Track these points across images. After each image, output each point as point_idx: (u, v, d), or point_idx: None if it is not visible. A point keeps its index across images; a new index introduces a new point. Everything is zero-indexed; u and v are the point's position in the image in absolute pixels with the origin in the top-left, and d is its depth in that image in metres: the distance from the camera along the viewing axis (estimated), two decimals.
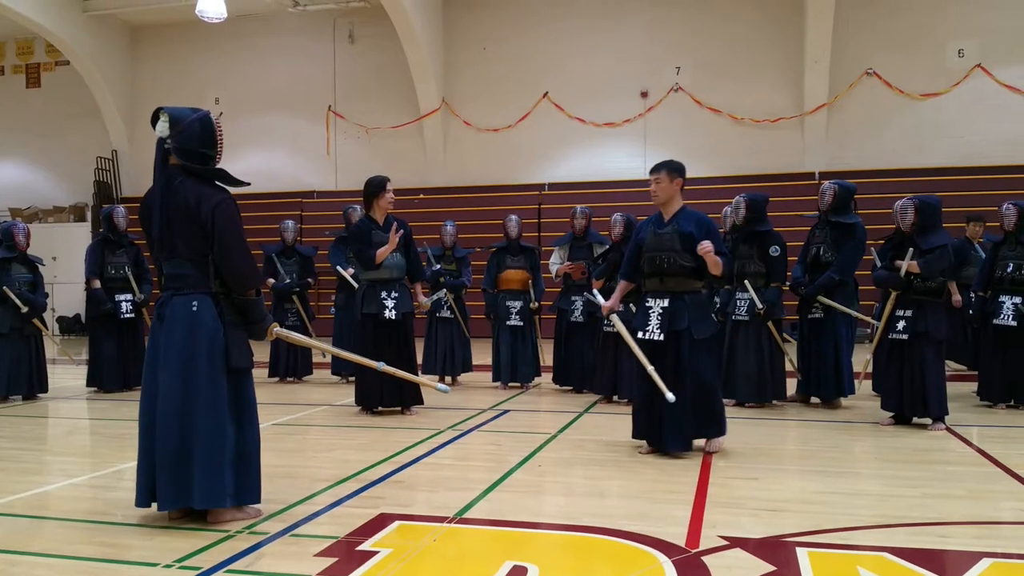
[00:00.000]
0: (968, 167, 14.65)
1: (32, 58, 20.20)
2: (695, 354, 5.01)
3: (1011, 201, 7.22)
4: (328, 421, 6.70)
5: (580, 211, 8.11)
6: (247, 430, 3.75)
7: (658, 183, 5.14)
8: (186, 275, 3.68)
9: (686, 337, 5.00)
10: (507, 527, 3.68)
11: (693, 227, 5.04)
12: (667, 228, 5.13)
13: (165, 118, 3.68)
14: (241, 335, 3.76)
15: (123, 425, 6.72)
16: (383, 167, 17.38)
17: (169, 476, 3.58)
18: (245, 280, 3.72)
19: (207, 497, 3.59)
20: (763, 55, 15.95)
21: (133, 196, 18.89)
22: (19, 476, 4.76)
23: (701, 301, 5.20)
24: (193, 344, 3.62)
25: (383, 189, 6.66)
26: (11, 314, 7.69)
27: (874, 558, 3.20)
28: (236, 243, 3.67)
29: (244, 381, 3.78)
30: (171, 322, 3.65)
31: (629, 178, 16.17)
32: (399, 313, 6.64)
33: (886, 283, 6.24)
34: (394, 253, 6.64)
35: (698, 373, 5.01)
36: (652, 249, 5.15)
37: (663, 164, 5.20)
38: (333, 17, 17.97)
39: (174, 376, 3.61)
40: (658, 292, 5.13)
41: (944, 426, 5.96)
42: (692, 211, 5.20)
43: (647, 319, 5.12)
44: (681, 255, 5.03)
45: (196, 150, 3.68)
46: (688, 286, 5.11)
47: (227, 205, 3.66)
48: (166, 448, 3.58)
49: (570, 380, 8.10)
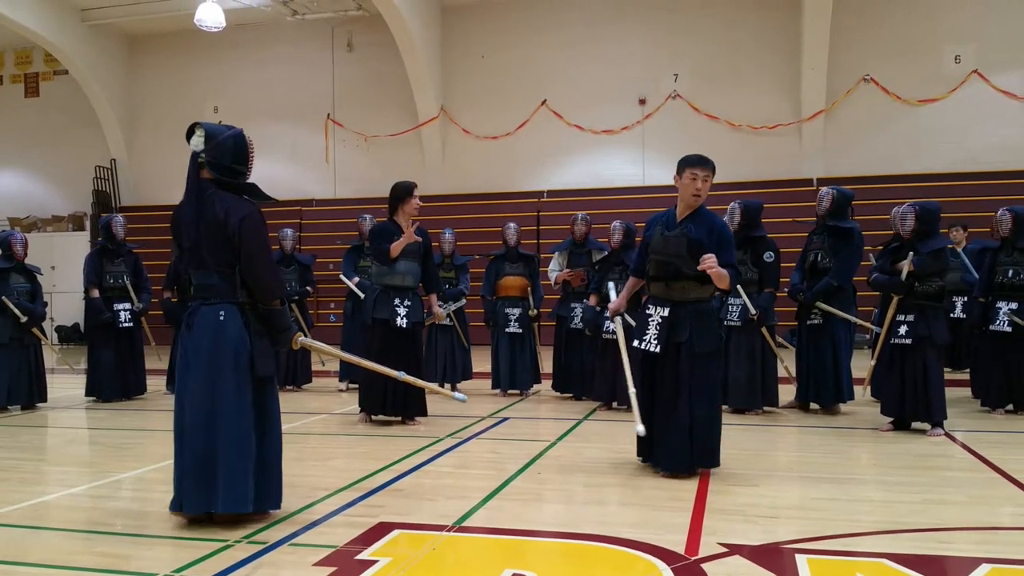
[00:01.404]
0: (965, 173, 14.69)
1: (31, 67, 20.24)
2: (696, 370, 4.58)
3: (1007, 207, 7.23)
4: (327, 429, 6.69)
5: (581, 218, 8.13)
6: (269, 437, 3.85)
7: (706, 181, 4.64)
8: (213, 285, 3.79)
9: (686, 350, 4.60)
10: (507, 535, 3.67)
11: (704, 234, 4.60)
12: (676, 231, 4.69)
13: (201, 132, 3.81)
14: (266, 344, 3.85)
15: (122, 435, 6.72)
16: (382, 175, 17.45)
17: (196, 481, 3.68)
18: (270, 290, 3.83)
19: (231, 502, 3.67)
20: (760, 62, 15.99)
21: (132, 205, 18.93)
22: (18, 486, 4.75)
23: (706, 311, 4.72)
24: (220, 353, 3.72)
25: (409, 195, 6.55)
26: (10, 324, 7.68)
27: (874, 565, 3.20)
28: (261, 255, 3.80)
29: (267, 389, 3.88)
30: (199, 331, 3.77)
31: (627, 185, 16.22)
32: (410, 322, 6.60)
33: (885, 287, 6.25)
34: (410, 261, 6.60)
35: (699, 393, 4.59)
36: (658, 252, 4.73)
37: (709, 161, 4.67)
38: (332, 26, 18.01)
39: (202, 384, 3.72)
40: (660, 299, 4.73)
41: (943, 431, 5.96)
42: (709, 213, 4.73)
43: (645, 328, 4.73)
44: (686, 262, 4.60)
45: (228, 165, 3.83)
46: (695, 294, 4.67)
47: (254, 218, 3.79)
48: (194, 454, 3.69)
49: (569, 387, 8.10)
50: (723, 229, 4.69)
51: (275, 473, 3.87)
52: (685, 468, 4.65)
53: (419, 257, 6.67)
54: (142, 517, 3.96)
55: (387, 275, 6.60)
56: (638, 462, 5.03)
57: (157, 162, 18.89)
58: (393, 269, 6.57)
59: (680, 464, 4.64)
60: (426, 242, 6.72)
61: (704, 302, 4.73)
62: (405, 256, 6.56)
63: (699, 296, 4.71)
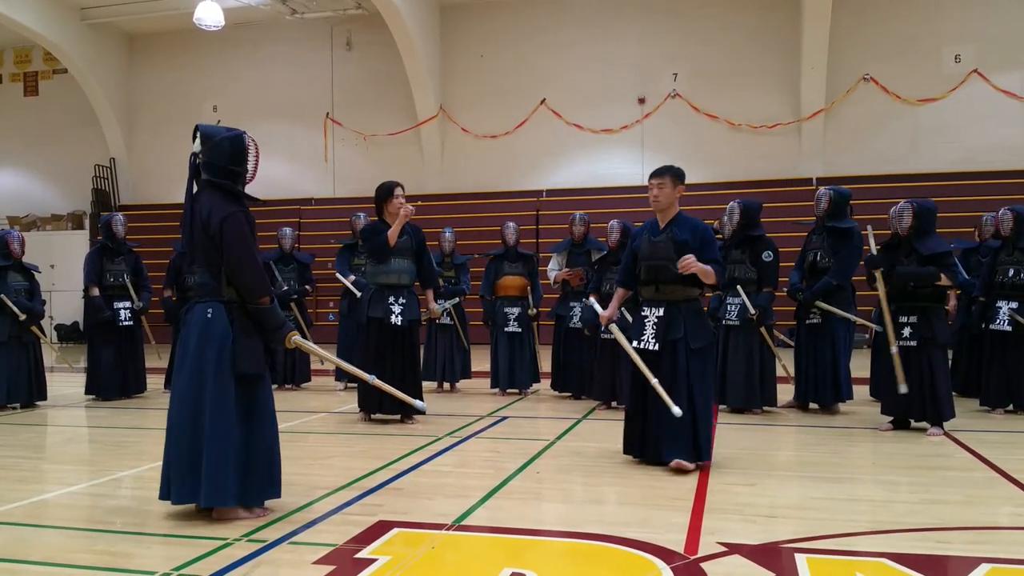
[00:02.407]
0: (964, 172, 14.70)
1: (30, 66, 20.23)
2: (693, 364, 4.88)
3: (1008, 206, 7.22)
4: (326, 428, 6.69)
5: (579, 218, 8.13)
6: (259, 433, 3.88)
7: (661, 188, 5.01)
8: (205, 283, 3.90)
9: (682, 346, 4.89)
10: (506, 534, 3.67)
11: (688, 235, 4.92)
12: (662, 236, 5.01)
13: (199, 135, 3.90)
14: (252, 342, 3.87)
15: (122, 433, 6.71)
16: (381, 174, 17.27)
17: (181, 473, 3.75)
18: (253, 289, 3.86)
19: (211, 496, 3.74)
20: (760, 61, 15.99)
21: (131, 204, 18.92)
22: (18, 484, 4.75)
23: (698, 309, 5.05)
24: (204, 349, 3.80)
25: (391, 194, 6.54)
26: (9, 322, 7.68)
27: (873, 564, 3.20)
28: (244, 254, 3.83)
29: (257, 386, 3.91)
30: (188, 328, 3.88)
31: (627, 184, 16.22)
32: (405, 320, 6.58)
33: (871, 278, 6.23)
34: (405, 259, 6.60)
35: (698, 385, 4.86)
36: (647, 257, 5.05)
37: (666, 169, 5.06)
38: (331, 25, 18.00)
39: (188, 379, 3.81)
40: (653, 301, 5.03)
41: (943, 431, 5.96)
42: (688, 218, 5.09)
43: (642, 328, 5.03)
44: (675, 264, 4.86)
45: (224, 166, 3.90)
46: (684, 294, 4.98)
47: (236, 217, 3.83)
48: (180, 447, 3.78)
49: (568, 386, 8.10)
50: (705, 230, 5.03)
51: (268, 468, 3.89)
52: (690, 457, 4.79)
53: (412, 254, 6.67)
54: (141, 515, 3.96)
55: (382, 274, 6.60)
56: (634, 460, 5.04)
57: (156, 161, 18.89)
58: (388, 267, 6.56)
59: (686, 454, 4.78)
60: (419, 238, 6.71)
61: (695, 301, 5.06)
62: (399, 254, 6.56)
63: (688, 295, 5.01)
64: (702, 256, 4.83)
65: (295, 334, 4.01)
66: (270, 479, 3.92)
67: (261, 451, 3.87)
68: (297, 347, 4.06)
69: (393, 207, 6.52)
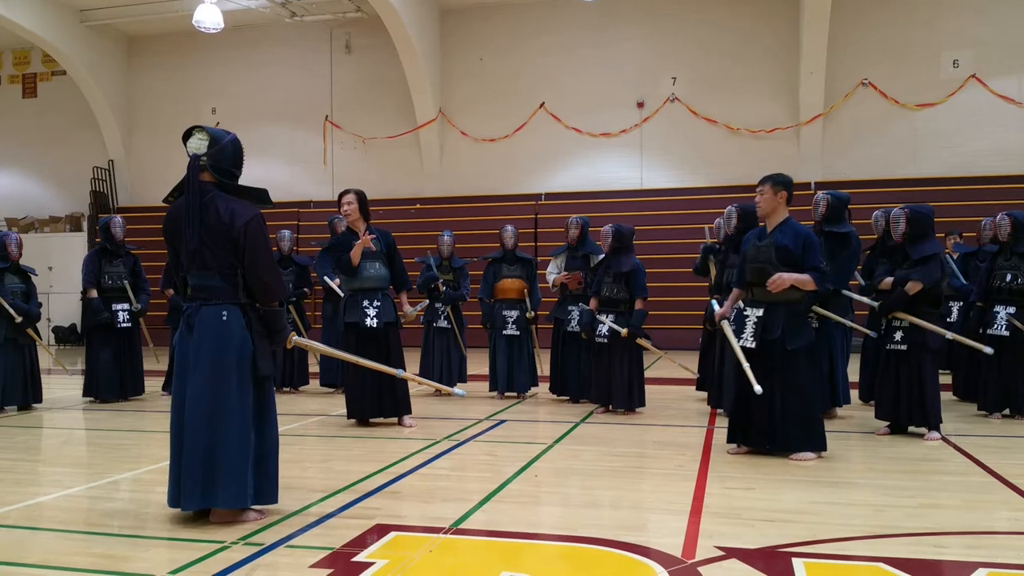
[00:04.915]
0: (962, 177, 14.72)
1: (29, 68, 20.23)
2: (788, 364, 5.18)
3: (1006, 212, 7.23)
4: (323, 431, 6.69)
5: (573, 221, 8.14)
6: (266, 435, 3.94)
7: (762, 195, 5.32)
8: (215, 286, 3.87)
9: (779, 347, 5.18)
10: (503, 538, 3.67)
11: (790, 241, 5.21)
12: (767, 240, 5.31)
13: (203, 136, 3.90)
14: (266, 345, 3.94)
15: (119, 436, 6.71)
16: (380, 177, 17.50)
17: (195, 478, 3.74)
18: (273, 292, 3.92)
19: (231, 498, 3.76)
20: (758, 66, 16.02)
21: (130, 206, 18.91)
22: (14, 487, 4.75)
23: (798, 312, 5.30)
24: (223, 352, 3.81)
25: (339, 203, 6.65)
26: (5, 324, 7.67)
27: (870, 568, 3.21)
28: (264, 257, 3.90)
29: (265, 388, 3.97)
30: (201, 331, 3.85)
31: (625, 188, 16.23)
32: (380, 322, 6.58)
33: (893, 307, 6.18)
34: (377, 264, 6.62)
35: (790, 381, 5.18)
36: (752, 260, 5.35)
37: (768, 177, 5.35)
38: (330, 28, 18.02)
39: (203, 382, 3.80)
40: (755, 301, 5.32)
41: (940, 436, 5.96)
42: (795, 224, 5.34)
43: (743, 327, 5.32)
44: (777, 267, 5.18)
45: (229, 168, 3.94)
46: (785, 296, 5.22)
47: (257, 221, 3.89)
48: (194, 451, 3.76)
49: (567, 390, 8.09)
50: (808, 235, 5.29)
51: (272, 470, 3.95)
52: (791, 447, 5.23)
53: (384, 258, 6.69)
54: (139, 518, 3.97)
55: (356, 280, 6.65)
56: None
57: (155, 163, 18.88)
58: (361, 272, 6.59)
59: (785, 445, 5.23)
60: (387, 241, 6.76)
61: (795, 303, 5.28)
62: (369, 260, 6.59)
63: (789, 298, 5.25)
64: (804, 262, 5.17)
65: (294, 334, 4.08)
66: (275, 480, 3.97)
67: (269, 452, 3.94)
68: (297, 346, 4.11)
69: (342, 212, 6.61)
